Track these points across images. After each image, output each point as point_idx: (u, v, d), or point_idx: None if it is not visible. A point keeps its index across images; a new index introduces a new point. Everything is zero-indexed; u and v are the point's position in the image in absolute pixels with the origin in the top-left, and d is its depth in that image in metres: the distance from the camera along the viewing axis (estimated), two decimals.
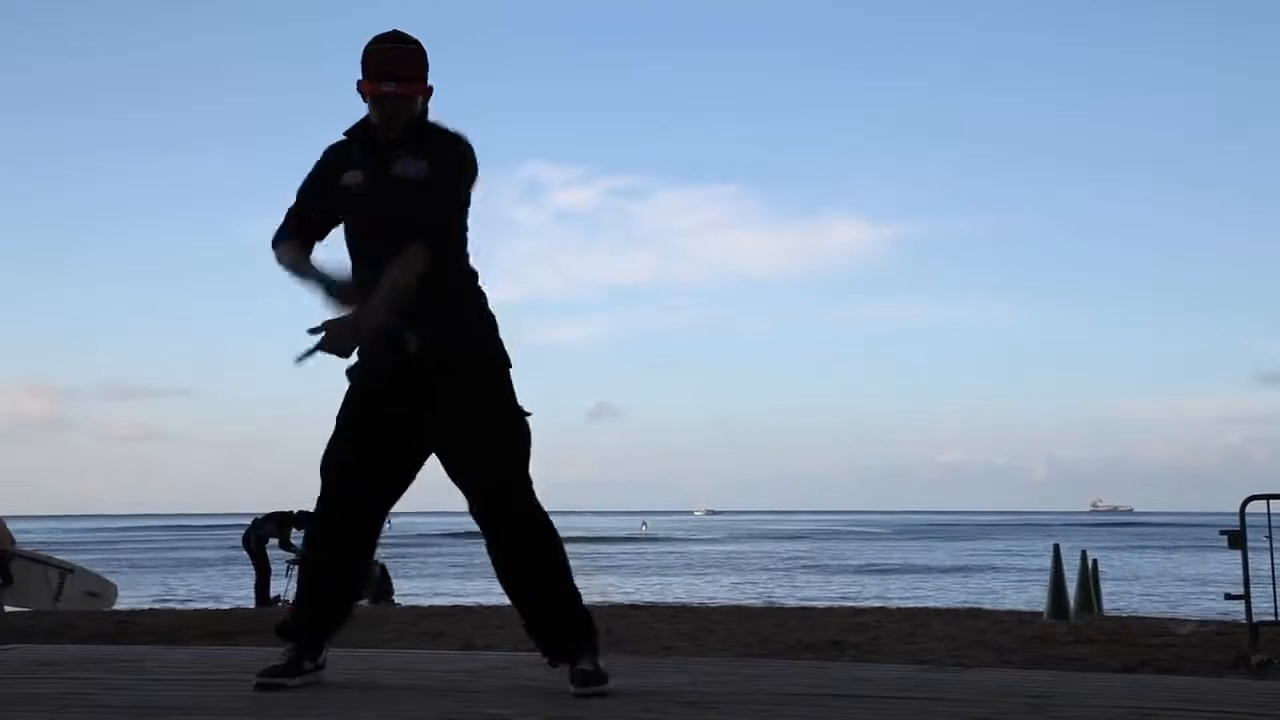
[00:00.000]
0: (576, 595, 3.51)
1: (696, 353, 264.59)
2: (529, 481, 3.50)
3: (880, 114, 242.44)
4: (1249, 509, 7.94)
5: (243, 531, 17.12)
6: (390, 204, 3.47)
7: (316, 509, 3.59)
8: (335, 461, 3.56)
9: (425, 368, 3.47)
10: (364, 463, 3.53)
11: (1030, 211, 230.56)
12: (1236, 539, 8.06)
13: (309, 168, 3.64)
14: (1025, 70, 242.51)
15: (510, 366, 3.57)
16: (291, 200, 3.67)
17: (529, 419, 3.53)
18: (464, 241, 3.63)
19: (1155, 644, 7.58)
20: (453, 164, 3.52)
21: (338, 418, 3.60)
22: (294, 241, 3.61)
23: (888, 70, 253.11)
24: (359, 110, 3.54)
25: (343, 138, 3.63)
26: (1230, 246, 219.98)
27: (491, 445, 3.46)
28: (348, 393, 3.60)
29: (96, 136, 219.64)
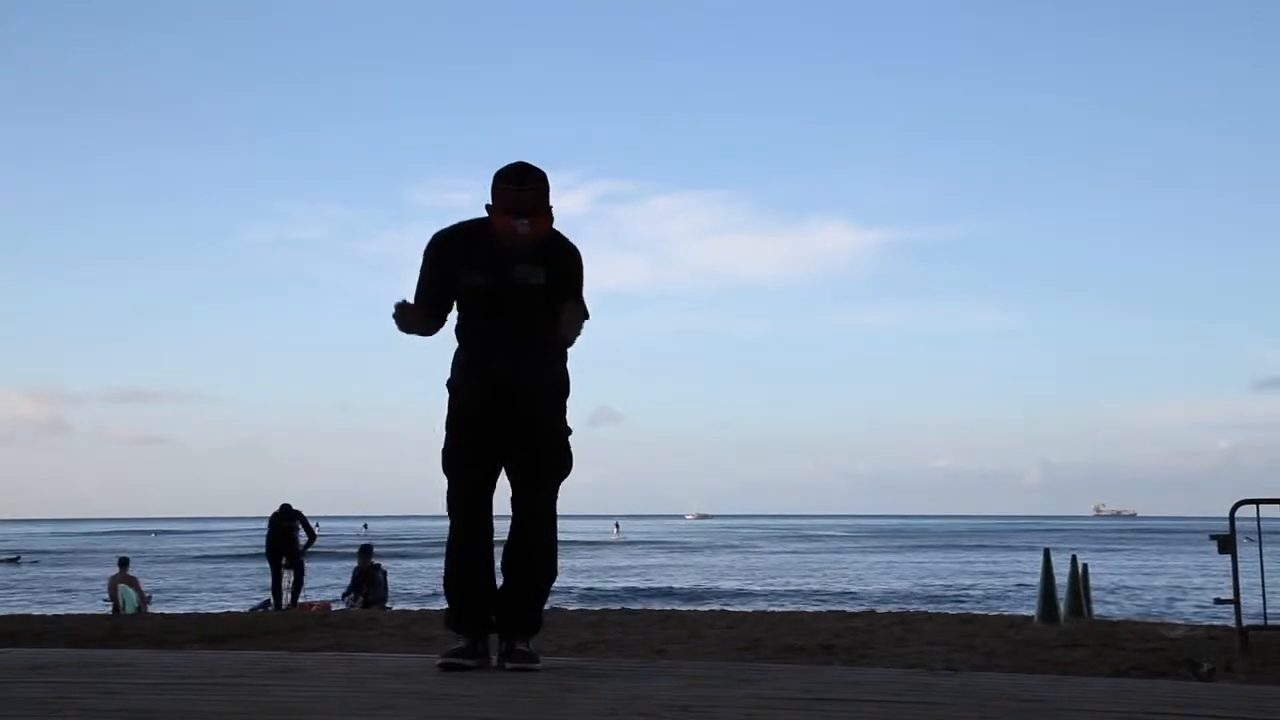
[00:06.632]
0: (543, 596, 4.12)
1: (690, 357, 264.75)
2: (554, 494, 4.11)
3: (867, 117, 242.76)
4: (1239, 513, 7.99)
5: (265, 534, 17.24)
6: (513, 306, 3.99)
7: (450, 507, 4.05)
8: (455, 467, 4.06)
9: (512, 389, 3.98)
10: (478, 469, 4.04)
11: (1023, 215, 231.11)
12: (1226, 543, 8.10)
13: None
14: (1018, 71, 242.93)
15: (568, 395, 4.12)
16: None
17: (570, 437, 4.11)
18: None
19: (1145, 648, 7.59)
20: (563, 272, 4.01)
21: (448, 425, 4.08)
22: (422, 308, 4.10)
23: (875, 73, 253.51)
24: (370, 122, 3.68)
25: (453, 229, 4.05)
26: (1229, 251, 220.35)
27: (540, 462, 4.05)
28: (453, 407, 4.08)
29: (97, 136, 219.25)
